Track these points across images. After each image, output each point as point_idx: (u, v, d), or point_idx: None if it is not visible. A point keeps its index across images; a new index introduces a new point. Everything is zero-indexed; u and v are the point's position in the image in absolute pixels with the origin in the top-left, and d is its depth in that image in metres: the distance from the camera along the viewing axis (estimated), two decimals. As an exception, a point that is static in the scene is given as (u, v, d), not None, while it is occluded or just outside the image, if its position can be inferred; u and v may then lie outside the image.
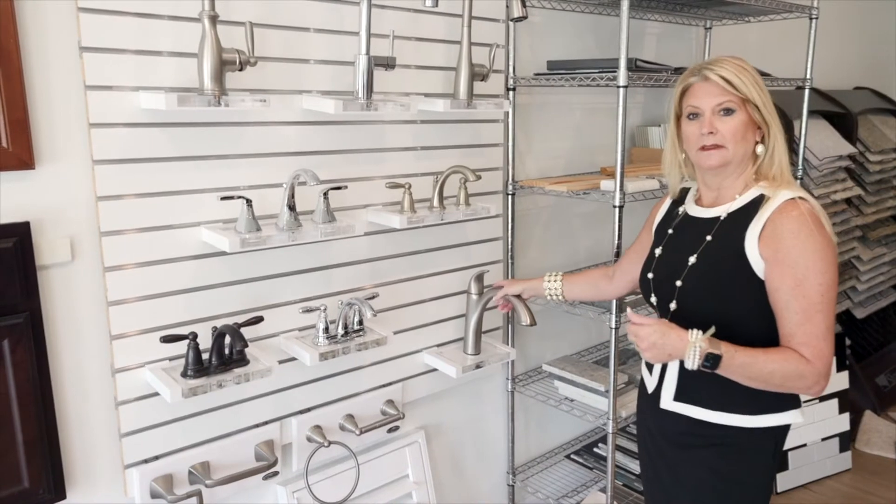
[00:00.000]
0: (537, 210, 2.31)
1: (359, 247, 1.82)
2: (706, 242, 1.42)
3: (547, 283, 1.84)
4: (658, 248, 1.53)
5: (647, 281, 1.53)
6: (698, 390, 1.43)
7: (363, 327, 1.74)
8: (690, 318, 1.41)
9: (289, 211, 1.57)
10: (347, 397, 1.86)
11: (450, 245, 2.02)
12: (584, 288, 1.82)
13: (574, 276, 1.85)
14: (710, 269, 1.40)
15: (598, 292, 1.81)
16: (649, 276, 1.52)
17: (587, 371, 2.17)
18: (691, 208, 1.51)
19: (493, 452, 2.33)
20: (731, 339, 1.34)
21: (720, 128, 1.39)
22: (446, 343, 2.07)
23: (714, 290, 1.39)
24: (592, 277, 1.82)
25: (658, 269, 1.51)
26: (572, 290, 1.82)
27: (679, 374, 1.45)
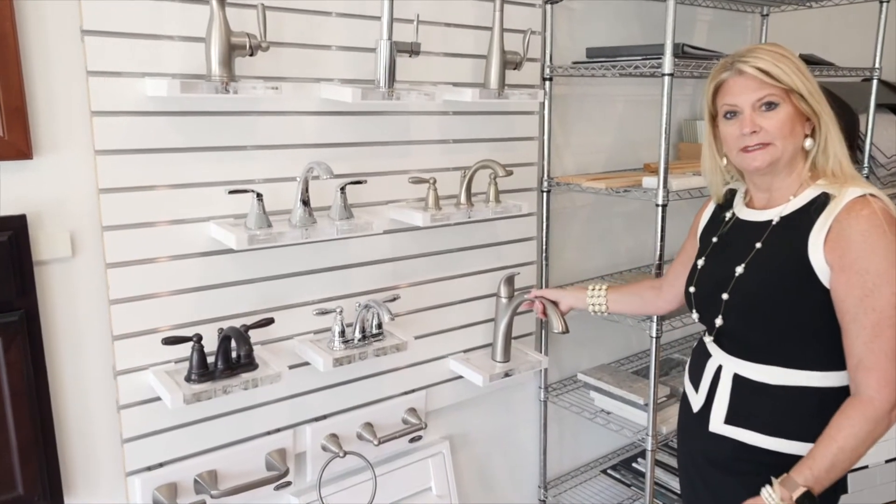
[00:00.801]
0: (574, 209, 2.17)
1: (380, 245, 1.71)
2: (755, 251, 1.27)
3: (591, 297, 1.66)
4: (701, 258, 1.38)
5: (689, 295, 1.39)
6: (753, 412, 1.27)
7: (382, 331, 1.63)
8: (739, 336, 1.26)
9: (302, 206, 1.47)
10: (366, 404, 1.75)
11: (479, 245, 1.90)
12: (632, 301, 1.65)
13: (620, 289, 1.67)
14: (761, 280, 1.25)
15: (645, 306, 1.65)
16: (691, 290, 1.38)
17: (625, 382, 2.02)
18: (741, 211, 1.36)
19: (523, 465, 2.20)
20: (784, 360, 1.20)
21: (764, 124, 1.23)
22: (474, 349, 1.95)
23: (765, 304, 1.24)
24: (639, 289, 1.66)
25: (701, 282, 1.36)
26: (618, 304, 1.65)
27: (731, 392, 1.30)
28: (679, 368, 2.25)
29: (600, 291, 1.65)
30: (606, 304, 1.64)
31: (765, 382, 1.26)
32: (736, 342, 1.29)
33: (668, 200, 1.71)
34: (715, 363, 1.34)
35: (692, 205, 1.72)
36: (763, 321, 1.24)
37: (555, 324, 1.67)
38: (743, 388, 1.29)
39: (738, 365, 1.29)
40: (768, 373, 1.25)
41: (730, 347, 1.31)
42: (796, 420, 1.24)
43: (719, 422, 1.31)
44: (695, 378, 1.40)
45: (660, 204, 1.71)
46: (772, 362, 1.25)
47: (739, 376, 1.29)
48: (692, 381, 1.41)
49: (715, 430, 1.32)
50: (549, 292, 1.72)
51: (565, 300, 1.69)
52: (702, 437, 1.35)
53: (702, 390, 1.36)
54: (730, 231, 1.35)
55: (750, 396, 1.27)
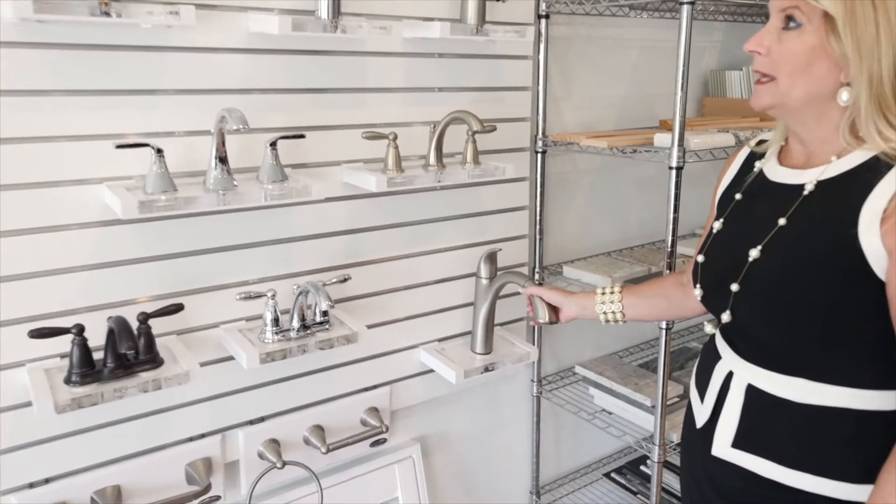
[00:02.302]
0: (577, 174, 1.84)
1: (332, 215, 1.42)
2: (777, 229, 0.93)
3: (602, 302, 1.29)
4: (719, 221, 1.05)
5: (696, 264, 1.07)
6: (769, 435, 0.96)
7: (328, 319, 1.35)
8: (754, 337, 0.95)
9: (219, 165, 1.18)
10: (315, 404, 1.48)
11: (457, 215, 1.60)
12: (654, 303, 1.28)
13: (638, 290, 1.30)
14: (785, 268, 0.92)
15: (672, 308, 1.27)
16: (699, 259, 1.06)
17: (630, 378, 1.71)
18: (770, 166, 1.02)
19: (512, 469, 1.92)
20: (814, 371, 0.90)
21: (773, 47, 0.91)
22: (451, 338, 1.66)
23: (791, 299, 0.91)
24: (663, 288, 1.29)
25: (713, 252, 1.04)
26: (637, 309, 1.28)
27: (743, 408, 0.98)
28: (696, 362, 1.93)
29: (613, 295, 1.29)
30: (622, 309, 1.28)
31: (786, 399, 0.94)
32: (750, 344, 0.97)
33: (685, 162, 1.39)
34: (724, 368, 1.02)
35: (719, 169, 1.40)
36: (787, 320, 0.91)
37: (540, 313, 1.36)
38: (758, 404, 0.97)
39: (754, 373, 0.97)
40: (792, 386, 0.93)
41: (743, 350, 0.99)
42: (824, 450, 0.92)
43: (725, 444, 1.00)
44: (701, 384, 1.09)
45: (674, 166, 1.39)
46: (797, 373, 0.93)
47: (754, 388, 0.97)
48: (698, 388, 1.10)
49: (719, 455, 1.01)
50: (549, 293, 1.35)
51: (567, 308, 1.34)
52: (705, 461, 1.04)
53: (707, 401, 1.05)
54: (750, 192, 1.03)
55: (766, 415, 0.96)
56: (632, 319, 1.30)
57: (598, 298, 1.30)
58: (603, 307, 1.29)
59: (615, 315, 1.29)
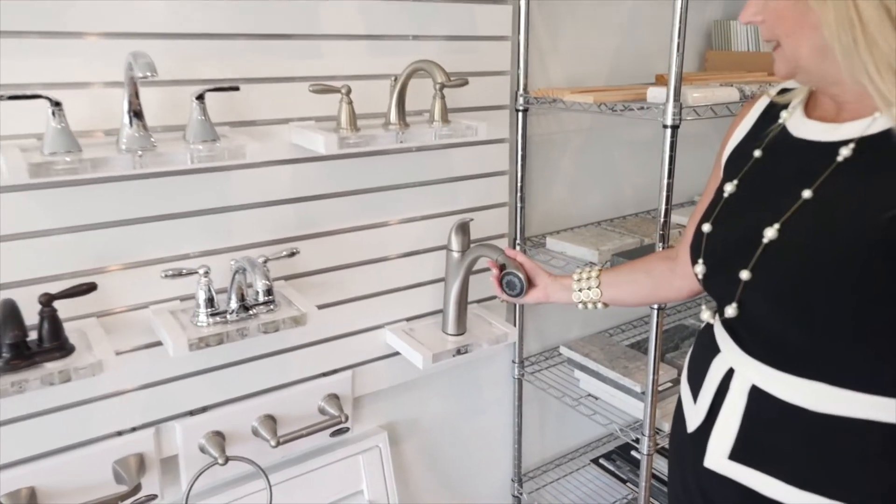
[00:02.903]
0: (563, 135, 1.67)
1: (278, 181, 1.25)
2: (801, 203, 0.75)
3: (579, 289, 1.14)
4: (732, 182, 0.86)
5: (699, 235, 0.87)
6: (774, 449, 0.79)
7: (273, 298, 1.19)
8: (764, 330, 0.78)
9: (134, 122, 1.01)
10: (265, 391, 1.33)
11: (426, 181, 1.43)
12: (636, 282, 1.12)
13: (618, 272, 1.15)
14: (806, 256, 0.73)
15: (657, 288, 1.10)
16: (704, 228, 0.87)
17: (619, 360, 1.56)
18: (796, 121, 0.83)
19: (492, 455, 1.78)
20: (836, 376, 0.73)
21: (763, 10, 0.77)
22: (421, 316, 1.50)
23: (816, 290, 0.73)
24: (646, 264, 1.13)
25: (725, 221, 0.85)
26: (617, 290, 1.13)
27: (745, 414, 0.81)
28: (692, 341, 1.78)
29: (590, 275, 1.14)
30: (600, 292, 1.13)
31: (798, 405, 0.76)
32: (759, 338, 0.80)
33: (682, 120, 1.21)
34: (723, 364, 0.84)
35: (723, 130, 1.22)
36: (809, 315, 0.73)
37: (517, 281, 1.19)
38: (763, 410, 0.79)
39: (760, 373, 0.79)
40: (806, 391, 0.76)
41: (749, 344, 0.81)
42: (841, 469, 0.75)
43: (720, 455, 0.83)
44: (694, 380, 0.91)
45: (669, 124, 1.21)
46: (815, 375, 0.75)
47: (759, 390, 0.79)
48: (690, 384, 0.92)
49: (712, 467, 0.84)
50: (530, 262, 1.21)
51: (540, 282, 1.19)
52: (697, 472, 0.88)
53: (701, 402, 0.87)
54: (771, 149, 0.85)
55: (773, 423, 0.78)
56: (613, 303, 1.13)
57: (576, 283, 1.14)
58: (580, 294, 1.13)
59: (592, 298, 1.13)
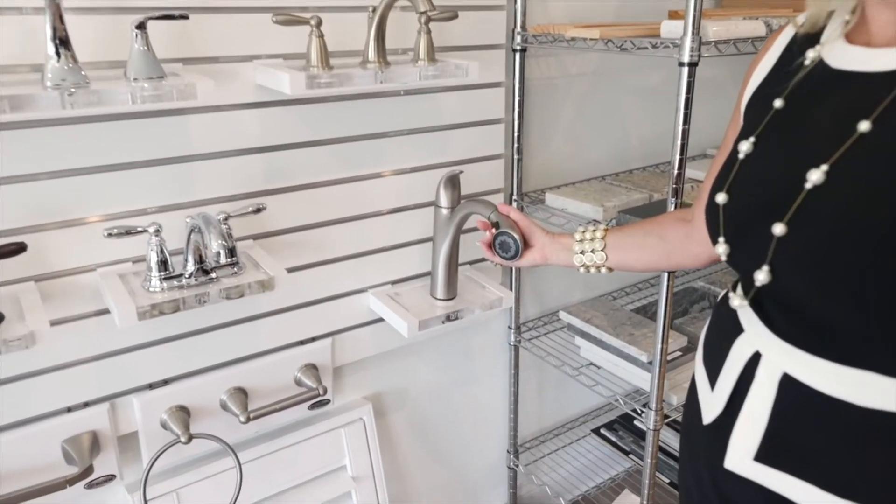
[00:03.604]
0: (566, 80, 1.51)
1: (242, 127, 1.10)
2: (857, 136, 0.59)
3: (580, 251, 1.01)
4: (748, 139, 0.70)
5: (714, 208, 0.72)
6: (809, 449, 0.65)
7: (236, 260, 1.05)
8: (802, 307, 0.63)
9: (61, 52, 0.86)
10: (235, 362, 1.21)
11: (411, 129, 1.28)
12: (645, 245, 0.98)
13: (626, 233, 1.00)
14: (866, 200, 0.58)
15: (670, 253, 0.96)
16: (719, 199, 0.71)
17: (624, 327, 1.44)
18: (836, 51, 0.67)
19: (486, 425, 1.68)
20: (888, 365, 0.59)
21: None
22: (408, 279, 1.37)
23: (871, 251, 0.57)
24: (658, 226, 0.98)
25: (741, 186, 0.69)
26: (624, 253, 0.99)
27: (773, 410, 0.67)
28: (703, 305, 1.65)
29: (594, 235, 1.00)
30: (605, 254, 0.99)
31: (841, 399, 0.62)
32: (794, 315, 0.65)
33: (700, 56, 1.06)
34: (748, 347, 0.70)
35: (742, 72, 1.07)
36: (861, 282, 0.58)
37: (511, 243, 1.06)
38: (796, 403, 0.65)
39: (794, 359, 0.65)
40: (852, 382, 0.62)
41: (780, 323, 0.67)
42: (889, 474, 0.62)
43: (744, 455, 0.69)
44: (712, 363, 0.78)
45: (686, 62, 1.06)
46: (863, 363, 0.61)
47: (792, 380, 0.65)
48: (707, 367, 0.78)
49: (734, 469, 0.71)
50: (525, 219, 1.08)
51: (537, 242, 1.06)
52: (714, 471, 0.75)
53: (720, 389, 0.73)
54: (801, 93, 0.69)
55: (808, 420, 0.64)
56: (619, 268, 1.00)
57: (578, 244, 1.01)
58: (582, 256, 1.00)
59: (595, 262, 0.99)
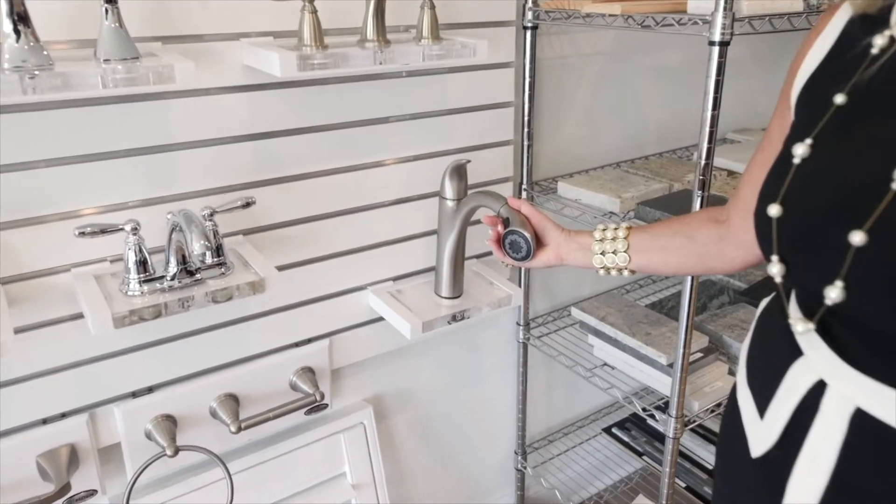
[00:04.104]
0: (579, 59, 1.41)
1: (230, 113, 1.01)
2: None
3: (601, 252, 0.90)
4: (803, 141, 0.59)
5: (764, 222, 0.61)
6: (883, 502, 0.55)
7: (223, 260, 0.96)
8: (875, 337, 0.53)
9: (21, 31, 0.76)
10: (225, 367, 1.12)
11: (414, 114, 1.19)
12: (672, 246, 0.87)
13: (651, 233, 0.89)
14: None
15: (703, 257, 0.85)
16: (772, 211, 0.59)
17: (640, 325, 1.35)
18: None
19: (492, 426, 1.60)
20: None
21: None
22: (410, 275, 1.28)
23: None
24: (686, 225, 0.87)
25: (801, 196, 0.58)
26: (648, 255, 0.89)
27: (842, 450, 0.55)
28: (722, 300, 1.56)
29: (616, 234, 0.90)
30: (628, 255, 0.89)
31: None
32: (872, 340, 0.54)
33: (733, 34, 0.96)
34: (809, 374, 0.59)
35: (778, 53, 0.97)
36: None
37: (522, 243, 0.97)
38: (871, 444, 0.55)
39: (870, 391, 0.54)
40: None
41: (854, 349, 0.56)
42: None
43: (808, 499, 0.58)
44: (760, 389, 0.66)
45: (717, 40, 0.96)
46: None
47: (866, 416, 0.54)
48: (754, 392, 0.67)
49: None
50: (538, 214, 0.97)
51: (552, 240, 0.96)
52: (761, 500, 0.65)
53: (773, 420, 0.62)
54: (876, 80, 0.58)
55: (886, 464, 0.54)
56: (643, 270, 0.90)
57: (596, 238, 0.91)
58: (603, 258, 0.90)
59: (617, 263, 0.90)
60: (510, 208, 1.00)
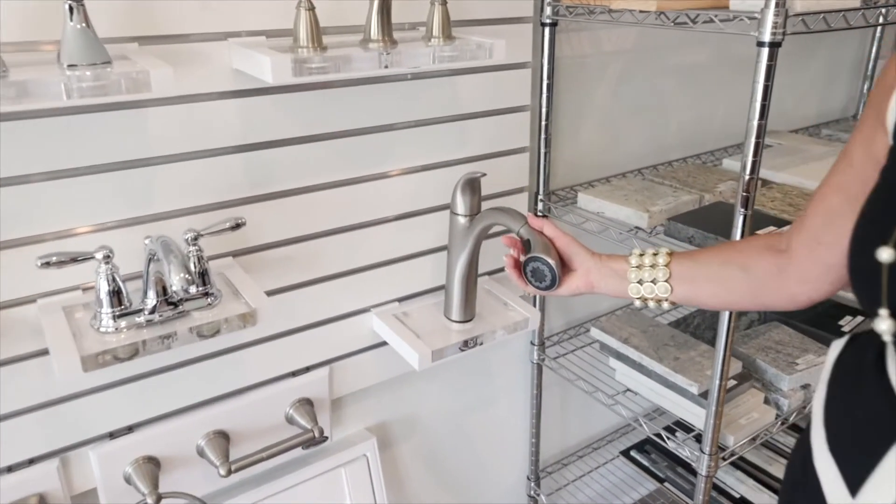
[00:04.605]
0: (600, 59, 1.30)
1: (216, 122, 0.90)
2: None
3: (638, 280, 0.80)
4: None
5: (872, 268, 0.49)
6: None
7: (210, 289, 0.85)
8: None
9: (-32, 34, 0.65)
10: (213, 401, 1.02)
11: (422, 120, 1.08)
12: (727, 286, 0.75)
13: (698, 261, 0.78)
14: None
15: (753, 287, 0.74)
16: (882, 256, 0.48)
17: (667, 348, 1.24)
18: None
19: (503, 451, 1.49)
20: None
21: None
22: (418, 295, 1.18)
23: None
24: (738, 254, 0.76)
25: None
26: (696, 291, 0.78)
27: None
28: (751, 317, 1.45)
29: (655, 261, 0.79)
30: (669, 286, 0.78)
31: None
32: None
33: (786, 33, 0.85)
34: None
35: (804, 50, 0.86)
36: None
37: (547, 270, 0.87)
38: None
39: None
40: None
41: None
42: None
43: None
44: (852, 459, 0.56)
45: (767, 41, 0.85)
46: None
47: None
48: (840, 460, 0.56)
49: None
50: (564, 236, 0.86)
51: (580, 264, 0.85)
52: None
53: (872, 495, 0.52)
54: None
55: None
56: (685, 302, 0.80)
57: (632, 265, 0.81)
58: (640, 288, 0.80)
59: (657, 294, 0.79)
60: (531, 229, 0.89)
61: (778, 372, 1.19)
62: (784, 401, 1.18)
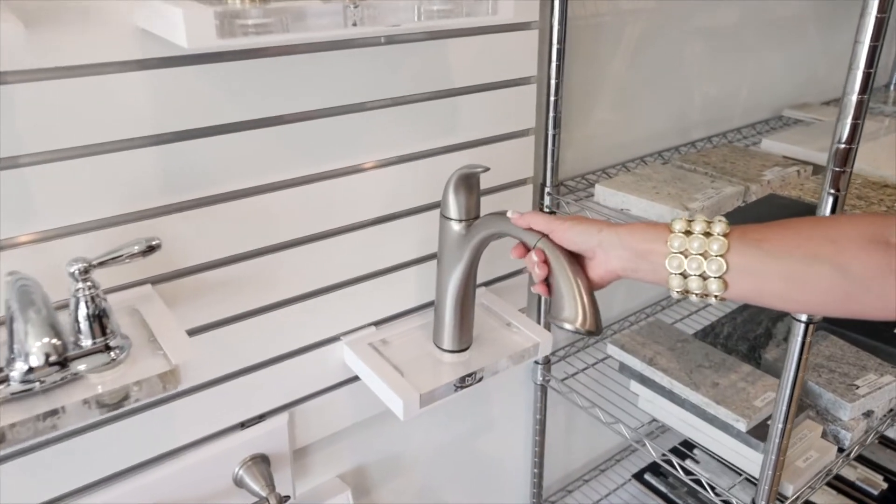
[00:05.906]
0: (617, 19, 1.06)
1: (115, 103, 0.65)
2: None
3: (681, 270, 0.58)
4: None
5: None
6: None
7: (110, 340, 0.61)
8: None
9: None
10: (138, 467, 0.78)
11: (404, 97, 0.83)
12: (809, 285, 0.53)
13: (766, 248, 0.55)
14: None
15: (851, 293, 0.52)
16: None
17: (701, 370, 1.03)
18: None
19: (501, 484, 1.28)
20: None
21: None
22: (400, 315, 0.95)
23: None
24: (834, 251, 0.52)
25: None
26: (763, 285, 0.55)
27: None
28: (790, 323, 1.25)
29: (709, 248, 0.56)
30: (724, 281, 0.56)
31: None
32: None
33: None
34: None
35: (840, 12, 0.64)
36: None
37: (567, 306, 0.65)
38: None
39: None
40: None
41: None
42: None
43: None
44: None
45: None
46: None
47: None
48: None
49: None
50: (572, 229, 0.65)
51: (590, 247, 0.65)
52: None
53: None
54: None
55: None
56: (745, 300, 0.58)
57: (673, 255, 0.58)
58: (684, 281, 0.58)
59: (707, 289, 0.57)
60: (550, 242, 0.67)
61: (836, 398, 0.99)
62: (845, 433, 0.98)
